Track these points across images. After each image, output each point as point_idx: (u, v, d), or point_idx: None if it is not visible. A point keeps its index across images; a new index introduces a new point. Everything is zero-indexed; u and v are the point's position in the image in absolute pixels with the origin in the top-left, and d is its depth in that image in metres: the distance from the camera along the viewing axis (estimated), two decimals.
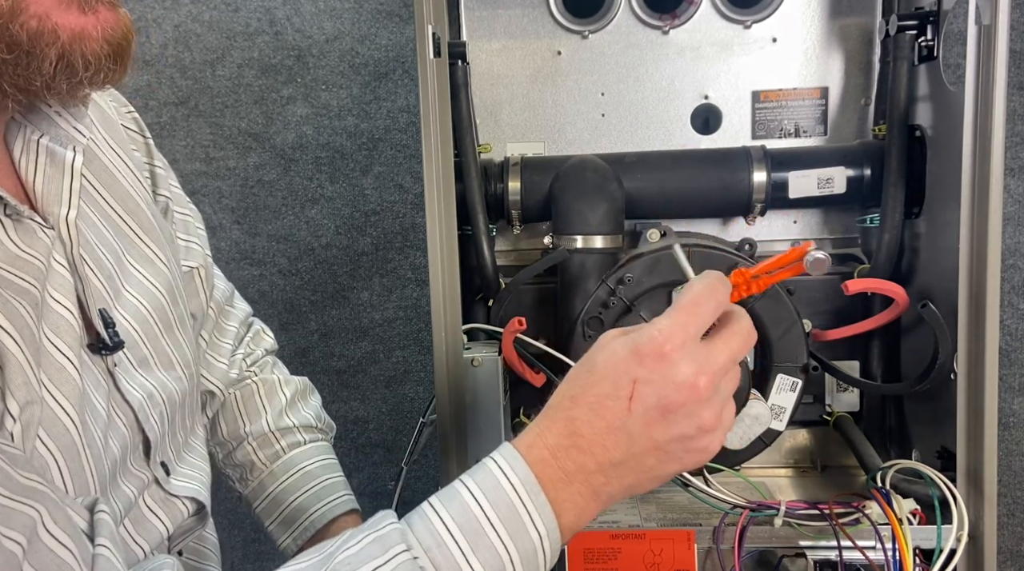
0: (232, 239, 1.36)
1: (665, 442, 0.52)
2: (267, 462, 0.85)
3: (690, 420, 0.52)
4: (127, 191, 0.68)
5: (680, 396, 0.51)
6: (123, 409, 0.60)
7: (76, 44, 0.50)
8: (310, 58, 1.30)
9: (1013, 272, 1.28)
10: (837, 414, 0.97)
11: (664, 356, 0.51)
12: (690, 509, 0.88)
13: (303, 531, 0.82)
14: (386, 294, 1.38)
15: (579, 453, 0.52)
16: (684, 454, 0.53)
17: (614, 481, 0.53)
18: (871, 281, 0.88)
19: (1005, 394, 1.31)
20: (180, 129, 1.33)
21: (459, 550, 0.50)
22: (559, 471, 0.52)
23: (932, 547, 0.75)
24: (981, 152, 0.74)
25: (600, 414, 0.52)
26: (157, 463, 0.64)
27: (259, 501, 0.84)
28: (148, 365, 0.65)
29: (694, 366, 0.51)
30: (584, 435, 0.52)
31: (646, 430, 0.52)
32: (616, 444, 0.52)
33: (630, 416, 0.52)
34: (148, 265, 0.68)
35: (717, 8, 0.99)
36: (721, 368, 0.53)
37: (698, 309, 0.53)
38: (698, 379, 0.51)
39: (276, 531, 0.83)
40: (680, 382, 0.51)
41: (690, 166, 0.95)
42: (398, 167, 1.34)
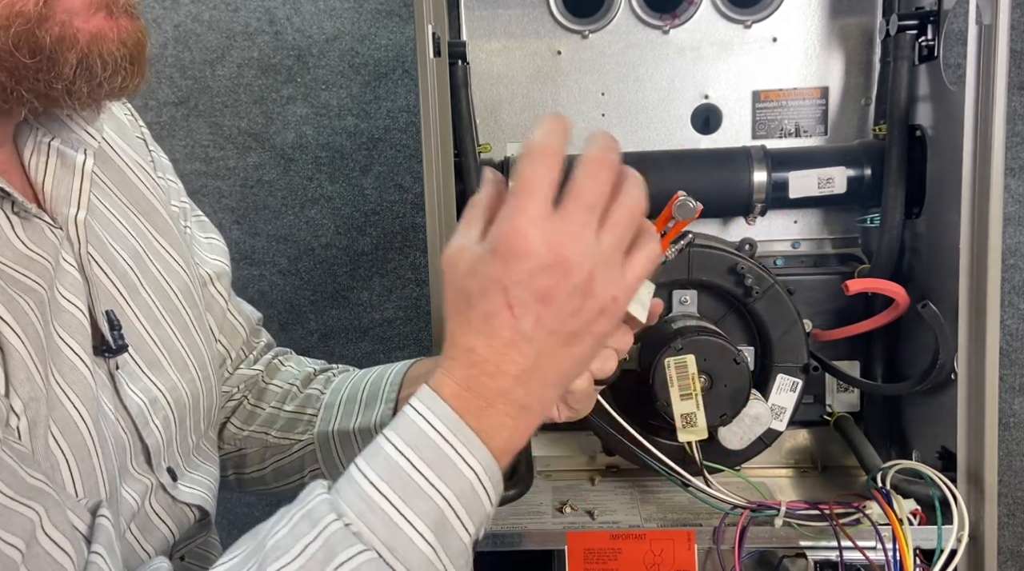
0: (232, 239, 1.36)
1: (561, 325, 0.50)
2: (323, 389, 0.82)
3: (574, 295, 0.50)
4: (142, 193, 0.68)
5: (551, 280, 0.49)
6: (121, 414, 0.60)
7: (94, 45, 0.51)
8: (310, 58, 1.30)
9: (1013, 272, 1.28)
10: (837, 414, 0.97)
11: (517, 251, 0.49)
12: (690, 509, 0.88)
13: (390, 389, 0.79)
14: (386, 294, 1.38)
15: (490, 378, 0.51)
16: (587, 325, 0.51)
17: (535, 386, 0.51)
18: (871, 281, 0.88)
19: (1005, 394, 1.31)
20: (180, 129, 1.33)
21: (392, 507, 0.48)
22: (477, 400, 0.51)
23: (933, 547, 0.75)
24: (981, 152, 0.74)
25: (493, 333, 0.51)
26: (163, 469, 0.64)
27: (333, 419, 0.79)
28: (159, 366, 0.64)
29: (547, 245, 0.49)
30: (488, 359, 0.51)
31: (540, 327, 0.50)
32: (520, 353, 0.51)
33: (518, 321, 0.50)
34: (165, 266, 0.68)
35: (717, 8, 0.99)
36: (578, 228, 0.50)
37: (529, 187, 0.50)
38: (558, 254, 0.49)
39: (365, 418, 0.78)
40: (542, 266, 0.49)
41: (690, 166, 0.95)
42: (398, 167, 1.34)
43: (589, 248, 0.50)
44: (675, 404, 0.81)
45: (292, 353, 0.91)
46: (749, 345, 0.90)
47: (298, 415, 0.81)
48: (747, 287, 0.86)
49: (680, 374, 0.81)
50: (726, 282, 0.87)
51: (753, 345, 0.90)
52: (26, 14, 0.48)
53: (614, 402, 0.87)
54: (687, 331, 0.83)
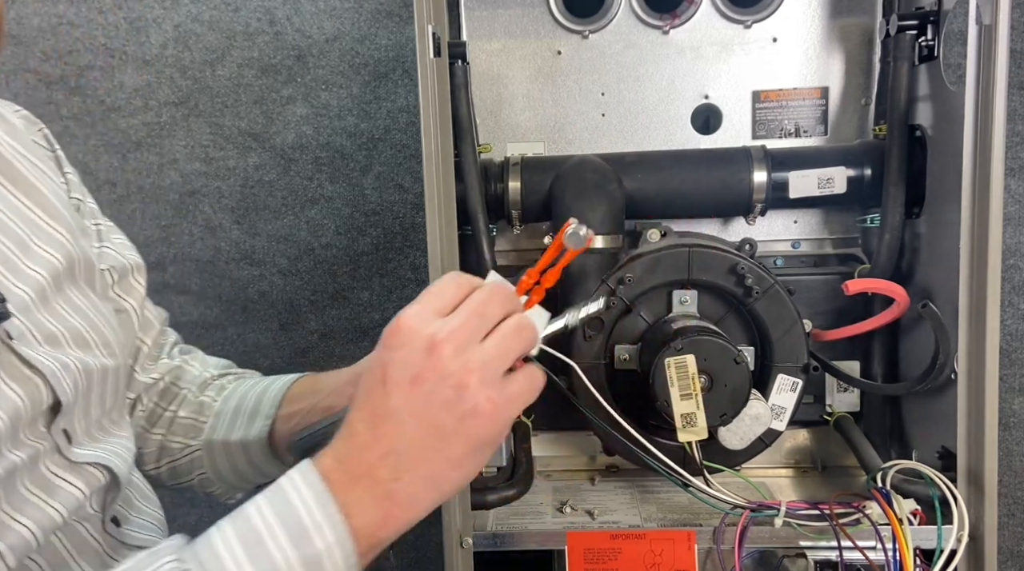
0: (232, 239, 1.36)
1: (431, 414, 0.52)
2: (216, 396, 0.84)
3: (443, 383, 0.52)
4: (33, 185, 0.69)
5: (422, 361, 0.52)
6: (24, 378, 0.60)
7: None
8: (310, 58, 1.30)
9: (1013, 272, 1.28)
10: (837, 414, 0.97)
11: (399, 330, 0.53)
12: (690, 509, 0.88)
13: (271, 404, 0.81)
14: (386, 294, 1.38)
15: (359, 452, 0.53)
16: (459, 423, 0.52)
17: (404, 474, 0.53)
18: (871, 281, 0.88)
19: (1005, 394, 1.31)
20: (180, 129, 1.33)
21: (232, 558, 0.50)
22: (345, 474, 0.53)
23: (932, 547, 0.75)
24: (981, 152, 0.74)
25: (369, 409, 0.53)
26: (59, 430, 0.64)
27: (220, 426, 0.82)
28: (57, 341, 0.65)
29: (430, 331, 0.52)
30: (359, 432, 0.53)
31: (407, 406, 0.52)
32: (388, 432, 0.52)
33: (388, 398, 0.52)
34: (55, 246, 0.68)
35: (717, 8, 0.99)
36: (464, 325, 0.53)
37: (433, 291, 0.55)
38: (435, 340, 0.52)
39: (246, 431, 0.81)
40: (419, 348, 0.52)
41: (690, 166, 0.95)
42: (398, 167, 1.34)
43: (467, 345, 0.53)
44: (675, 404, 0.81)
45: (195, 350, 0.92)
46: (749, 345, 0.90)
47: (191, 420, 0.84)
48: (747, 287, 0.86)
49: (680, 374, 0.81)
50: (726, 282, 0.87)
51: (753, 345, 0.90)
52: None
53: (614, 402, 0.87)
54: (687, 331, 0.83)
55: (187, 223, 1.36)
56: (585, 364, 0.88)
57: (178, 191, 1.35)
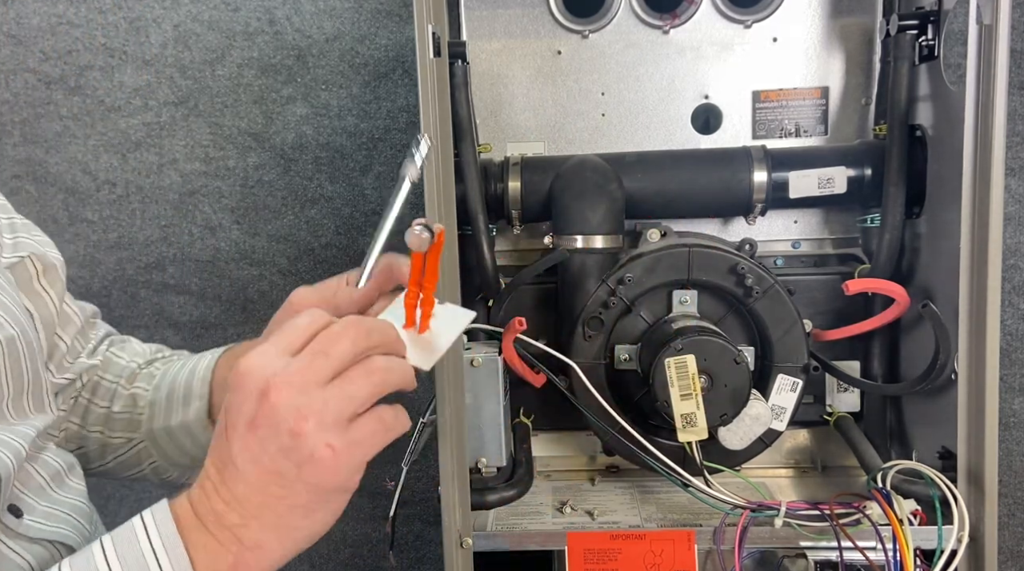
0: (232, 239, 1.36)
1: (270, 461, 0.51)
2: (146, 386, 0.83)
3: (277, 427, 0.50)
4: None
5: (256, 406, 0.50)
6: None
7: None
8: (310, 58, 1.30)
9: (1014, 272, 1.28)
10: (837, 414, 0.97)
11: (237, 372, 0.52)
12: (690, 509, 0.88)
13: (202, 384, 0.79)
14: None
15: (207, 496, 0.52)
16: (299, 470, 0.51)
17: (251, 522, 0.52)
18: (872, 281, 0.88)
19: (1006, 394, 1.31)
20: (180, 129, 1.33)
21: None
22: (195, 518, 0.52)
23: (933, 547, 0.75)
24: (982, 152, 0.74)
25: (216, 453, 0.53)
26: None
27: (158, 414, 0.81)
28: None
29: (263, 376, 0.51)
30: (209, 476, 0.53)
31: (245, 453, 0.51)
32: (231, 476, 0.52)
33: (230, 444, 0.51)
34: None
35: (717, 8, 0.99)
36: (304, 368, 0.51)
37: (284, 329, 0.53)
38: (269, 384, 0.50)
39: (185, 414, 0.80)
40: (253, 391, 0.51)
41: (690, 166, 0.95)
42: (398, 167, 1.34)
43: (305, 388, 0.51)
44: (675, 404, 0.81)
45: (130, 341, 0.91)
46: (749, 345, 0.90)
47: (127, 414, 0.83)
48: (747, 287, 0.86)
49: (680, 374, 0.81)
50: (726, 282, 0.87)
51: (753, 345, 0.90)
52: None
53: (614, 402, 0.87)
54: (687, 331, 0.83)
55: (187, 223, 1.36)
56: (585, 364, 0.88)
57: (178, 191, 1.34)
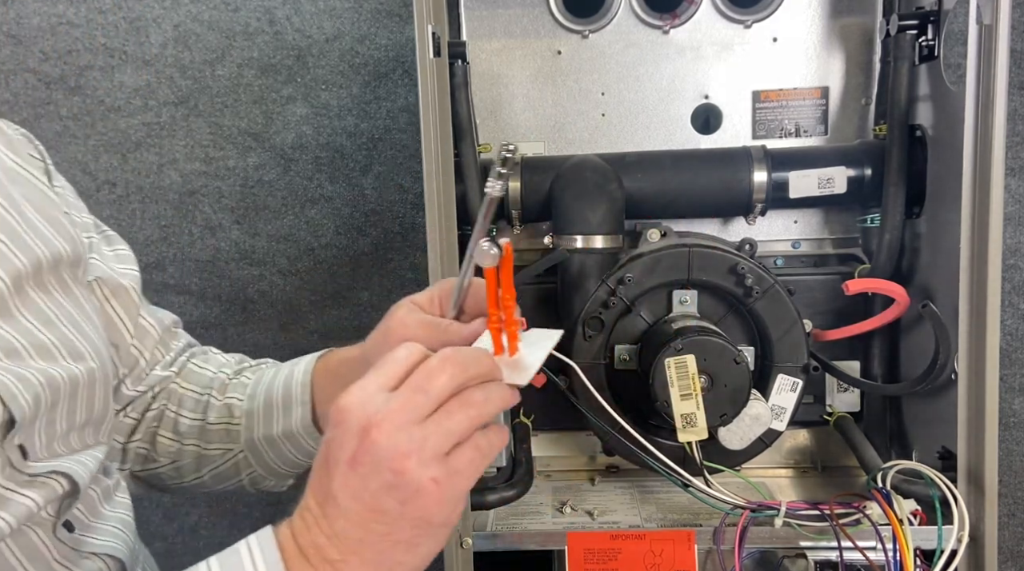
0: (232, 239, 1.36)
1: (372, 499, 0.51)
2: (240, 396, 0.84)
3: (378, 465, 0.51)
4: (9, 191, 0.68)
5: (357, 443, 0.51)
6: None
7: None
8: (310, 58, 1.30)
9: (1014, 272, 1.28)
10: (837, 414, 0.97)
11: (338, 409, 0.52)
12: (690, 510, 0.88)
13: (303, 390, 0.81)
14: (386, 294, 1.38)
15: (307, 529, 0.53)
16: (403, 507, 0.51)
17: (351, 558, 0.52)
18: (872, 281, 0.88)
19: (1006, 394, 1.31)
20: (180, 129, 1.33)
21: None
22: (297, 549, 0.52)
23: (933, 547, 0.75)
24: (982, 152, 0.74)
25: (317, 485, 0.53)
26: (13, 445, 0.62)
27: (257, 425, 0.82)
28: (18, 355, 0.64)
29: (365, 411, 0.51)
30: (310, 508, 0.53)
31: (347, 490, 0.51)
32: (331, 511, 0.52)
33: (331, 480, 0.52)
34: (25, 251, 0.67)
35: (717, 8, 0.99)
36: (403, 405, 0.51)
37: (382, 364, 0.54)
38: (370, 422, 0.51)
39: (285, 422, 0.81)
40: (354, 429, 0.51)
41: (690, 166, 0.95)
42: (398, 167, 1.34)
43: (404, 426, 0.51)
44: (675, 404, 0.81)
45: (210, 352, 0.91)
46: (749, 345, 0.90)
47: (223, 425, 0.83)
48: (747, 287, 0.86)
49: (680, 374, 0.81)
50: (726, 282, 0.87)
51: (753, 345, 0.90)
52: None
53: (614, 402, 0.87)
54: (687, 331, 0.83)
55: (187, 223, 1.36)
56: (585, 364, 0.88)
57: (178, 191, 1.35)
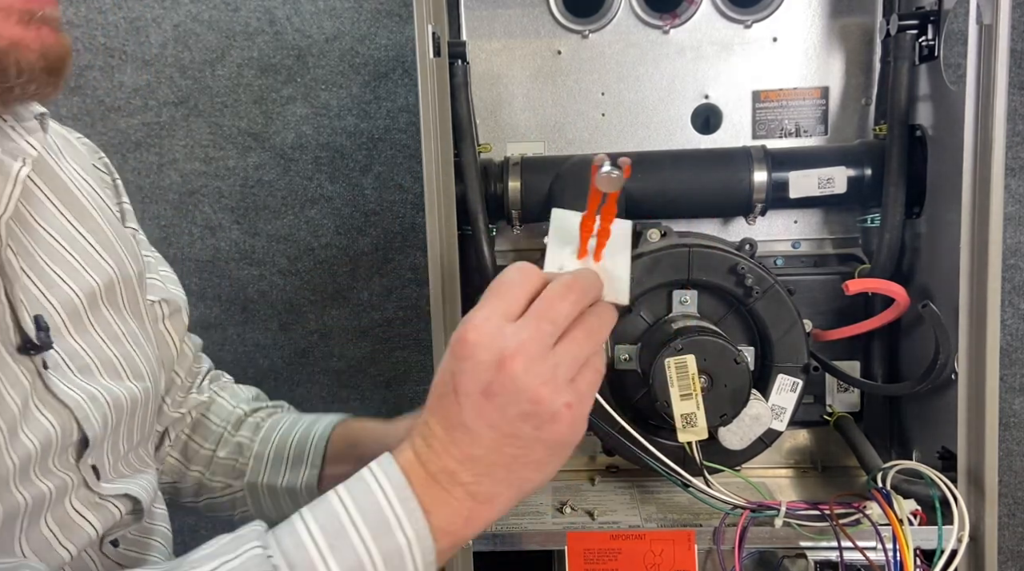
0: (232, 239, 1.36)
1: (508, 425, 0.52)
2: (252, 436, 0.85)
3: (517, 395, 0.51)
4: (82, 204, 0.69)
5: (492, 375, 0.51)
6: (55, 408, 0.60)
7: (12, 52, 0.53)
8: (310, 58, 1.30)
9: (1014, 272, 1.28)
10: (837, 414, 0.97)
11: (467, 342, 0.52)
12: (690, 510, 0.88)
13: (315, 452, 0.82)
14: (386, 294, 1.38)
15: (436, 455, 0.53)
16: (538, 431, 0.52)
17: (484, 478, 0.53)
18: (872, 281, 0.88)
19: (1006, 394, 1.31)
20: (180, 129, 1.33)
21: (316, 548, 0.50)
22: (426, 474, 0.53)
23: (933, 548, 0.75)
24: (982, 152, 0.74)
25: (443, 414, 0.53)
26: (88, 465, 0.64)
27: (262, 471, 0.83)
28: (90, 372, 0.65)
29: (498, 343, 0.52)
30: (437, 436, 0.53)
31: (481, 419, 0.52)
32: (464, 439, 0.53)
33: (462, 409, 0.52)
34: (97, 269, 0.68)
35: (717, 8, 0.99)
36: (533, 335, 0.52)
37: (500, 292, 0.54)
38: (505, 354, 0.51)
39: (291, 477, 0.82)
40: (488, 361, 0.51)
41: (690, 166, 0.95)
42: (398, 167, 1.34)
43: (537, 356, 0.52)
44: (675, 404, 0.81)
45: (225, 377, 0.93)
46: (749, 345, 0.90)
47: (230, 462, 0.84)
48: (747, 287, 0.86)
49: (680, 374, 0.81)
50: (726, 282, 0.87)
51: (753, 345, 0.90)
52: None
53: (614, 402, 0.87)
54: (687, 331, 0.83)
55: (187, 223, 1.36)
56: None
57: (178, 191, 1.35)
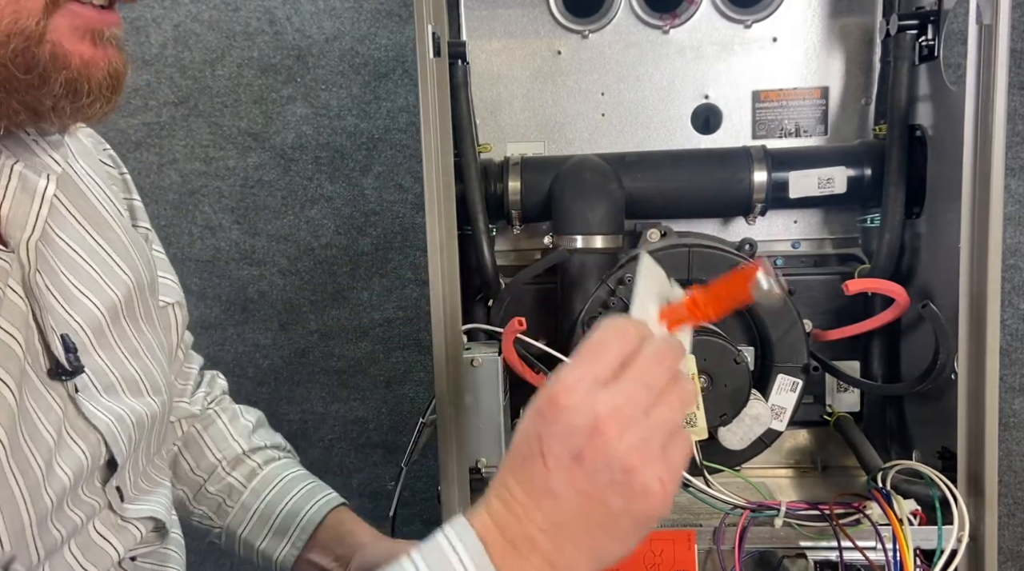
0: (232, 239, 1.36)
1: (598, 493, 0.50)
2: (245, 482, 0.84)
3: (609, 463, 0.49)
4: (99, 213, 0.69)
5: (585, 441, 0.49)
6: (85, 433, 0.60)
7: (84, 70, 0.53)
8: (310, 58, 1.30)
9: (1013, 272, 1.28)
10: (837, 414, 0.97)
11: (559, 405, 0.50)
12: (690, 509, 0.88)
13: (301, 532, 0.81)
14: (386, 294, 1.38)
15: (517, 521, 0.51)
16: (628, 503, 0.50)
17: (566, 546, 0.51)
18: (871, 281, 0.88)
19: (1006, 394, 1.31)
20: (180, 129, 1.33)
21: None
22: (504, 541, 0.51)
23: (933, 548, 0.75)
24: (982, 152, 0.74)
25: (526, 477, 0.51)
26: (113, 487, 0.63)
27: (244, 524, 0.83)
28: (114, 391, 0.64)
29: (592, 407, 0.49)
30: (519, 501, 0.51)
31: (570, 485, 0.50)
32: (549, 506, 0.51)
33: (550, 474, 0.50)
34: (116, 281, 0.68)
35: (717, 8, 0.99)
36: (629, 401, 0.50)
37: (596, 351, 0.51)
38: (599, 419, 0.49)
39: (271, 545, 0.82)
40: (580, 426, 0.49)
41: (690, 166, 0.95)
42: (398, 167, 1.34)
43: (633, 422, 0.49)
44: None
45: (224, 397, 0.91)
46: (749, 345, 0.90)
47: (218, 499, 0.84)
48: None
49: None
50: None
51: (753, 345, 0.90)
52: (26, 32, 0.50)
53: None
54: None
55: (187, 223, 1.36)
56: None
57: (178, 191, 1.35)
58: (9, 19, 0.49)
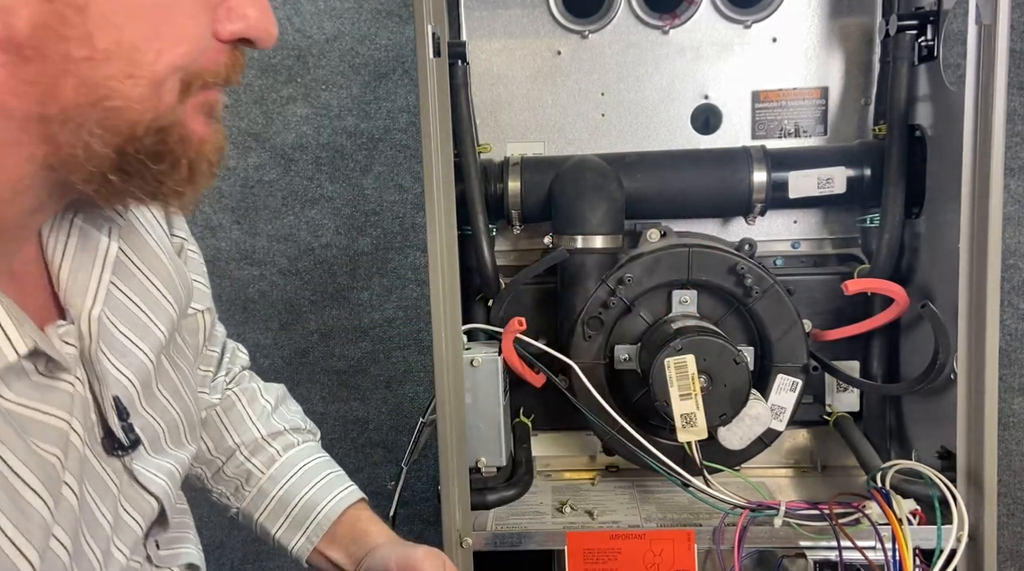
0: (232, 239, 1.36)
1: None
2: (263, 468, 0.83)
3: None
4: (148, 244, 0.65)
5: None
6: (138, 501, 0.59)
7: (203, 149, 0.51)
8: (310, 58, 1.30)
9: (1013, 272, 1.28)
10: (837, 414, 0.97)
11: None
12: (690, 509, 0.88)
13: (317, 527, 0.81)
14: (386, 294, 1.38)
15: None
16: None
17: None
18: (871, 281, 0.88)
19: (1005, 394, 1.31)
20: None
21: None
22: None
23: (932, 547, 0.75)
24: (981, 152, 0.74)
25: None
26: (153, 541, 0.62)
27: (262, 509, 0.82)
28: (159, 444, 0.63)
29: None
30: None
31: None
32: None
33: None
34: (163, 318, 0.65)
35: (717, 8, 0.99)
36: None
37: None
38: None
39: (286, 535, 0.81)
40: None
41: (690, 166, 0.95)
42: (398, 167, 1.34)
43: None
44: (675, 404, 0.81)
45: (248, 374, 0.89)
46: (749, 345, 0.90)
47: (236, 483, 0.83)
48: (747, 287, 0.86)
49: (680, 374, 0.81)
50: (726, 282, 0.87)
51: (753, 345, 0.90)
52: (163, 125, 0.47)
53: (614, 402, 0.87)
54: (687, 331, 0.83)
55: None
56: (585, 364, 0.88)
57: None
58: (150, 115, 0.46)
